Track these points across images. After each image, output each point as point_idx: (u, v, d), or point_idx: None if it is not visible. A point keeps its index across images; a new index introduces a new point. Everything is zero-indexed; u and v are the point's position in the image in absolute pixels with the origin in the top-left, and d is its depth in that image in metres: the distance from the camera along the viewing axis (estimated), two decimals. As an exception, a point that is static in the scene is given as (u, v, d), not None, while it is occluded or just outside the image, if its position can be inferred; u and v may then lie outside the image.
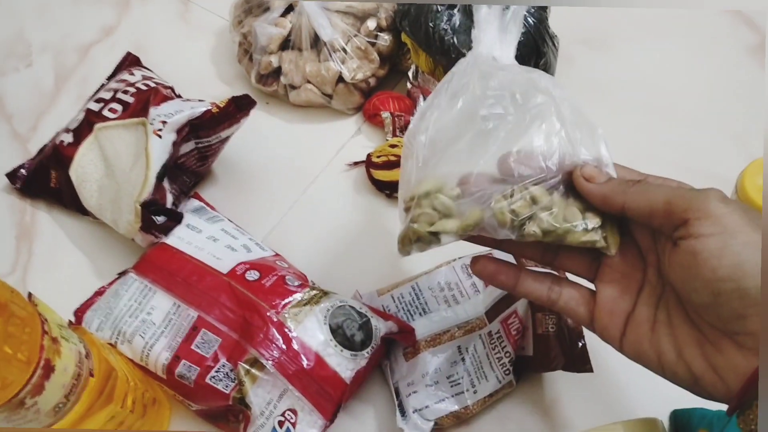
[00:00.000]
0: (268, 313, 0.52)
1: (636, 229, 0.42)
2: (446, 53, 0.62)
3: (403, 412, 0.53)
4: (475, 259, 0.46)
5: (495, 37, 0.45)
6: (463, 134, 0.42)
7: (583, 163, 0.41)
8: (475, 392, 0.53)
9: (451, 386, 0.53)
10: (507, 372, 0.53)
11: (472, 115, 0.42)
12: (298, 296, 0.53)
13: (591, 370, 0.52)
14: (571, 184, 0.41)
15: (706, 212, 0.36)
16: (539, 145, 0.41)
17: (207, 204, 0.65)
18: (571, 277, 0.45)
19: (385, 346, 0.54)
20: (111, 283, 0.59)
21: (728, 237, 0.35)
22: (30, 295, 0.45)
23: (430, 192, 0.42)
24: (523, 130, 0.41)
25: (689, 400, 0.52)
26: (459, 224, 0.41)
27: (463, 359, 0.54)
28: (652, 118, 0.72)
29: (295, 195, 0.68)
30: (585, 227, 0.40)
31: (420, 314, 0.57)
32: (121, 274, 0.60)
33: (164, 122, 0.59)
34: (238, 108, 0.61)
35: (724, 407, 0.50)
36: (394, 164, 0.64)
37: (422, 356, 0.54)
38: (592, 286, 0.44)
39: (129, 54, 0.75)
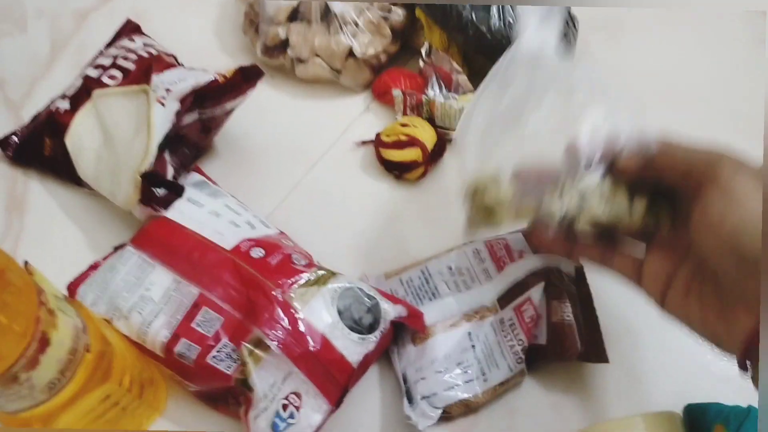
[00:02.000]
0: (273, 293, 0.50)
1: None
2: (463, 30, 0.60)
3: (410, 399, 0.51)
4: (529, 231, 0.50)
5: (537, 28, 0.45)
6: (512, 128, 0.44)
7: (623, 148, 0.42)
8: (485, 380, 0.51)
9: (461, 373, 0.51)
10: (519, 360, 0.51)
11: (520, 110, 0.44)
12: (305, 276, 0.51)
13: (607, 361, 0.51)
14: (616, 173, 0.43)
15: (715, 179, 0.37)
16: (587, 136, 0.42)
17: (208, 178, 0.62)
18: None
19: (393, 330, 0.52)
20: (106, 257, 0.57)
21: (730, 205, 0.36)
22: (26, 263, 0.42)
23: (483, 185, 0.44)
24: (571, 122, 0.42)
25: (703, 395, 0.51)
26: (512, 217, 0.44)
27: (473, 346, 0.52)
28: (664, 108, 0.70)
29: (300, 173, 0.65)
30: (635, 213, 0.42)
31: (429, 299, 0.55)
32: (118, 248, 0.57)
33: (168, 90, 0.56)
34: (245, 79, 0.59)
35: (740, 402, 0.49)
36: (404, 144, 0.62)
37: (431, 342, 0.52)
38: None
39: (129, 20, 0.72)
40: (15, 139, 0.66)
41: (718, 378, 0.53)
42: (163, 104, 0.56)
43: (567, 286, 0.52)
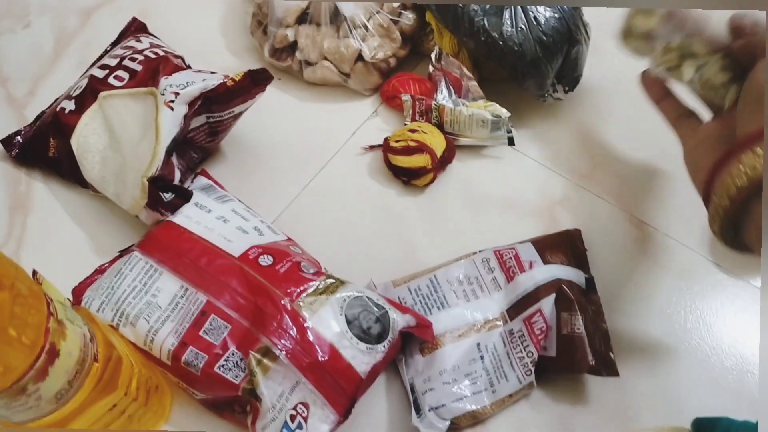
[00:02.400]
0: (282, 301, 0.49)
1: None
2: (475, 35, 0.59)
3: (418, 410, 0.51)
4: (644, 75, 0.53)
5: None
6: None
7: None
8: (494, 392, 0.51)
9: (469, 385, 0.51)
10: (528, 372, 0.50)
11: None
12: (313, 285, 0.51)
13: (617, 374, 0.51)
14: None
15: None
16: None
17: (215, 182, 0.61)
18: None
19: (402, 340, 0.52)
20: (112, 262, 0.56)
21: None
22: (35, 272, 0.41)
23: (638, 12, 0.49)
24: None
25: (711, 410, 0.51)
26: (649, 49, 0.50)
27: (482, 357, 0.52)
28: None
29: (307, 177, 0.65)
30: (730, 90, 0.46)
31: (438, 308, 0.55)
32: (123, 252, 0.56)
33: (176, 93, 0.55)
34: (253, 82, 0.58)
35: (750, 417, 0.49)
36: (413, 150, 0.61)
37: (440, 352, 0.52)
38: None
39: (135, 19, 0.71)
40: (19, 139, 0.65)
41: (727, 392, 0.53)
42: (171, 108, 0.55)
43: (578, 297, 0.52)
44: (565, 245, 0.56)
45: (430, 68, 0.66)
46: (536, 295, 0.52)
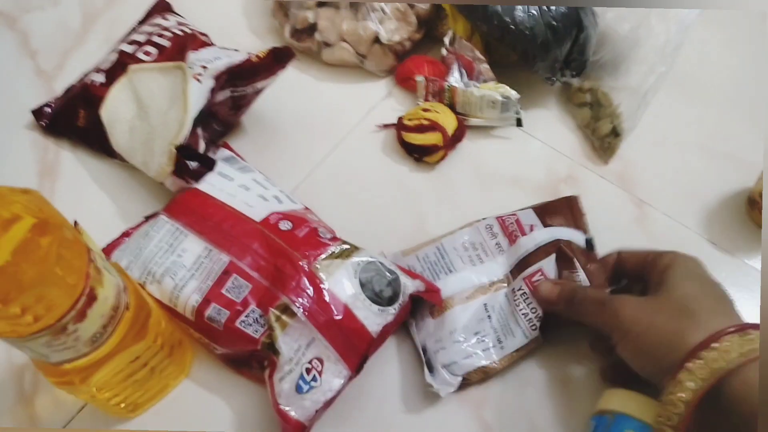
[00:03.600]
0: (300, 263, 0.52)
1: None
2: (488, 20, 0.62)
3: (431, 368, 0.54)
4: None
5: None
6: None
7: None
8: (502, 347, 0.54)
9: (479, 342, 0.54)
10: (534, 328, 0.53)
11: None
12: (330, 249, 0.54)
13: None
14: None
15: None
16: None
17: (237, 154, 0.64)
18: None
19: (411, 304, 0.55)
20: (138, 226, 0.59)
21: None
22: (75, 223, 0.45)
23: None
24: None
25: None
26: None
27: (489, 316, 0.55)
28: (678, 99, 0.72)
29: (323, 153, 0.68)
30: None
31: (445, 273, 0.57)
32: (149, 217, 0.59)
33: (204, 67, 0.58)
34: (276, 60, 0.61)
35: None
36: (426, 128, 0.64)
37: (449, 313, 0.55)
38: None
39: (160, -1, 0.74)
40: (49, 109, 0.68)
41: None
42: (199, 81, 0.58)
43: (578, 256, 0.55)
44: (564, 209, 0.59)
45: (444, 51, 0.68)
46: (537, 255, 0.55)
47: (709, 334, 0.42)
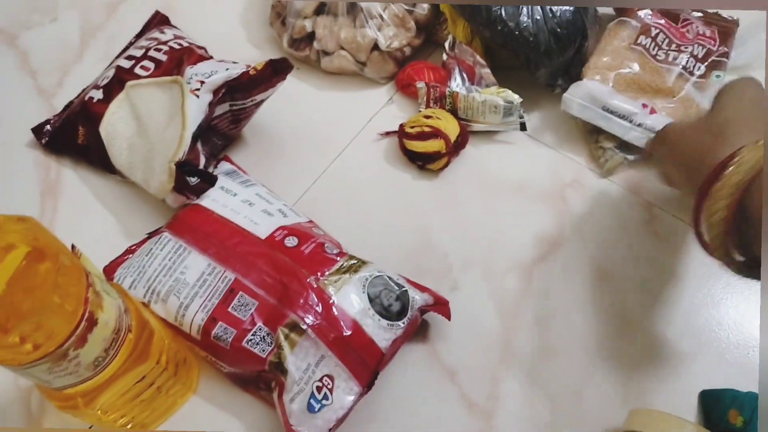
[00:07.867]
0: (308, 279, 0.51)
1: None
2: (491, 25, 0.61)
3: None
4: None
5: None
6: None
7: None
8: None
9: None
10: None
11: None
12: (337, 264, 0.53)
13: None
14: None
15: None
16: None
17: (238, 167, 0.64)
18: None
19: (420, 317, 0.54)
20: (141, 243, 0.59)
21: None
22: (73, 247, 0.44)
23: None
24: None
25: (718, 382, 0.53)
26: None
27: None
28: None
29: (325, 163, 0.67)
30: None
31: None
32: (152, 234, 0.59)
33: (202, 82, 0.58)
34: (275, 72, 0.60)
35: (754, 389, 0.51)
36: (428, 135, 0.63)
37: None
38: None
39: (158, 12, 0.74)
40: (49, 127, 0.67)
41: (733, 366, 0.55)
42: (197, 95, 0.57)
43: None
44: None
45: (444, 56, 0.68)
46: None
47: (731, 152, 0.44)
